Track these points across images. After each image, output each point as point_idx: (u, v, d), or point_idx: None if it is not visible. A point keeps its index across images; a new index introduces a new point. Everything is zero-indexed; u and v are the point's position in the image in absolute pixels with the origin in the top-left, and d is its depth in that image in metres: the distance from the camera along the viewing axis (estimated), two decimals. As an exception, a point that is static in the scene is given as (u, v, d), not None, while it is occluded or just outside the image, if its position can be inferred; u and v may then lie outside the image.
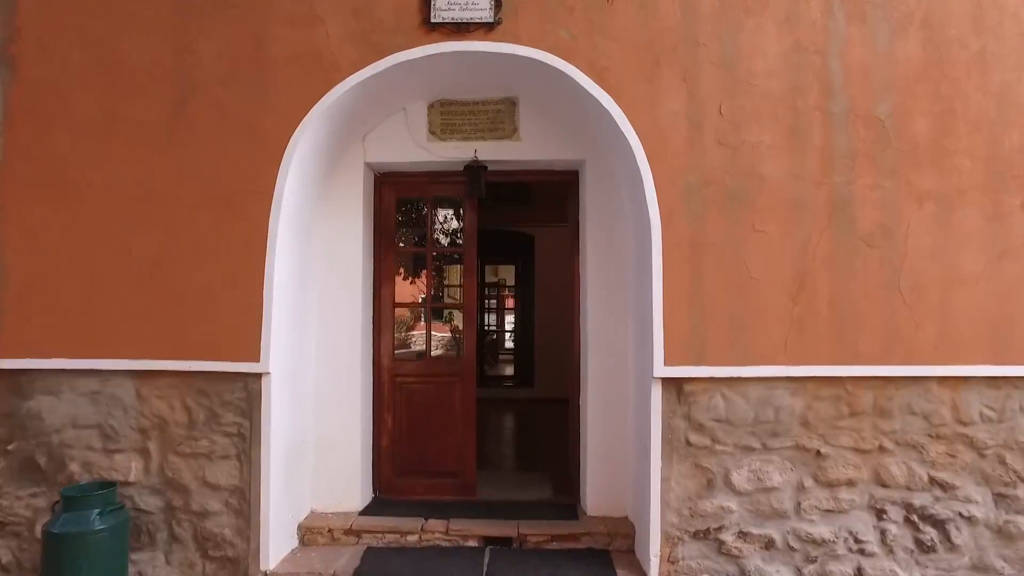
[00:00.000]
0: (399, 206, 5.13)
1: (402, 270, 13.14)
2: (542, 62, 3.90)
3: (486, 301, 14.34)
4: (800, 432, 3.72)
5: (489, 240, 11.34)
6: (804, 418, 3.72)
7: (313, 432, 4.57)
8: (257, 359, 3.80)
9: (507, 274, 14.12)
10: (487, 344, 14.15)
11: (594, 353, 4.55)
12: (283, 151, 3.91)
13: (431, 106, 4.70)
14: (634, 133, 3.84)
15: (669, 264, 3.75)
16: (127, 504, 3.76)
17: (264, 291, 3.84)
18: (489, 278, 15.18)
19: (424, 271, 13.54)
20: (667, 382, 3.74)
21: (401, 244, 7.07)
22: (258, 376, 3.83)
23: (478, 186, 4.61)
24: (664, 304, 3.72)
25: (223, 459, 3.84)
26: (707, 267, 3.75)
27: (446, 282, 12.76)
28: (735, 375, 3.71)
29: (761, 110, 3.81)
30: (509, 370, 13.29)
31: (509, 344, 14.33)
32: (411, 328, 19.57)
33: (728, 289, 3.74)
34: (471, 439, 4.90)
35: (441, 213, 9.10)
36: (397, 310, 5.08)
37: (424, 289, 13.36)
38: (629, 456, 4.42)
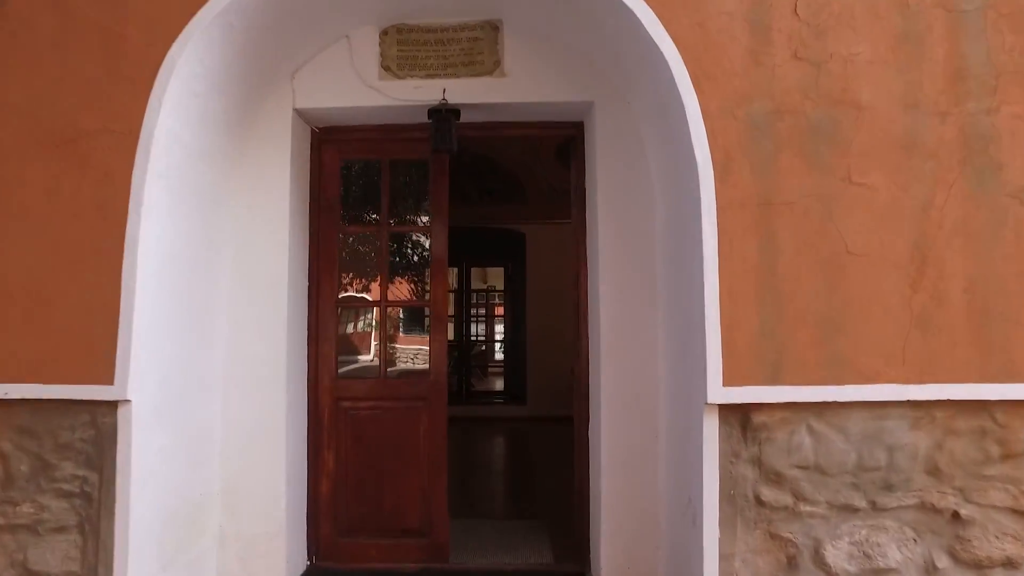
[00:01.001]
0: (347, 173, 3.90)
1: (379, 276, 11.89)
2: (535, -58, 2.69)
3: (473, 309, 13.09)
4: (927, 483, 2.48)
5: (475, 240, 10.17)
6: (932, 462, 2.48)
7: (220, 481, 3.28)
8: (111, 380, 2.53)
9: (496, 278, 12.88)
10: (475, 356, 12.92)
11: (608, 369, 3.29)
12: (155, 74, 2.66)
13: (384, 33, 3.46)
14: (670, 42, 2.61)
15: (728, 234, 2.51)
16: (-96, 606, 2.47)
17: (123, 280, 2.57)
18: (477, 284, 13.95)
19: (406, 275, 12.35)
20: (727, 410, 2.49)
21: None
22: (113, 406, 2.55)
23: (447, 138, 3.36)
24: (722, 294, 2.49)
25: (57, 532, 2.54)
26: (783, 238, 2.52)
27: (428, 287, 11.51)
28: (829, 398, 2.47)
29: (855, 8, 2.60)
30: (499, 384, 12.03)
31: (500, 356, 13.08)
32: (393, 339, 18.24)
33: (815, 270, 2.51)
34: (441, 484, 3.62)
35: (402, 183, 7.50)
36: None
37: (408, 292, 12.06)
38: (662, 514, 3.16)
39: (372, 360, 17.07)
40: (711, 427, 2.49)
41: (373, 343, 17.73)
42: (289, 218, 3.43)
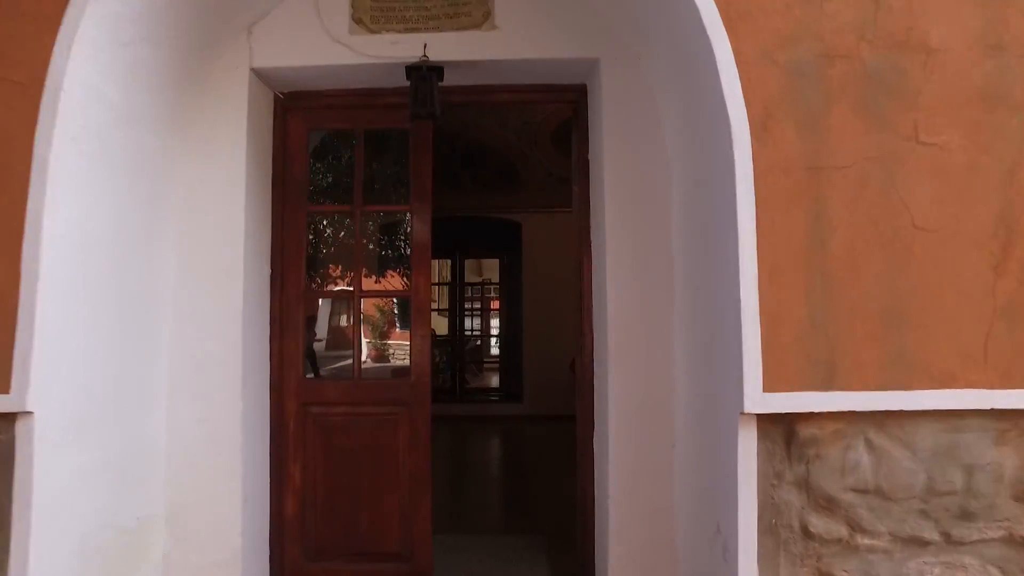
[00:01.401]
0: (319, 148, 3.42)
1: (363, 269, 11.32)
2: None
3: (467, 302, 12.62)
4: (1016, 512, 2.02)
5: (469, 231, 9.71)
6: (1022, 486, 2.02)
7: (164, 503, 2.80)
8: (6, 388, 2.05)
9: (491, 270, 12.40)
10: (469, 351, 12.47)
11: (617, 369, 2.83)
12: (62, 11, 2.17)
13: (355, -21, 2.98)
14: (697, -28, 2.14)
15: (768, 206, 2.04)
16: None
17: (23, 265, 2.08)
18: (472, 277, 13.48)
19: (398, 267, 11.85)
20: (767, 422, 2.03)
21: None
22: (10, 419, 2.06)
23: (428, 100, 2.88)
24: (761, 280, 2.02)
25: (-60, 578, 2.07)
26: (835, 210, 2.05)
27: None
28: (892, 406, 2.00)
29: (923, -71, 2.13)
30: (495, 380, 11.59)
31: (496, 351, 12.62)
32: (386, 335, 17.69)
33: (875, 249, 2.04)
34: (424, 501, 3.15)
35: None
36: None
37: (402, 287, 11.55)
38: (679, 539, 2.71)
39: (364, 359, 16.41)
40: (748, 442, 2.02)
41: (364, 340, 17.18)
42: (245, 196, 2.95)
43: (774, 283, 2.02)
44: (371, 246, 12.69)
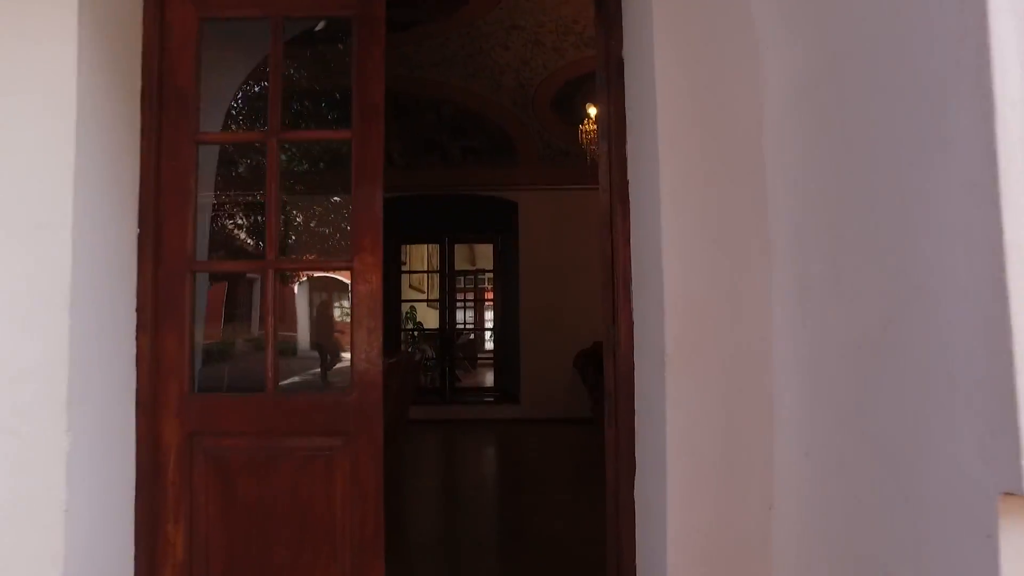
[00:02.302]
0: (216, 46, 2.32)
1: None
2: None
3: (460, 293, 11.55)
4: None
5: (459, 211, 8.61)
6: None
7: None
8: None
9: (485, 256, 11.31)
10: (462, 346, 11.44)
11: (679, 384, 1.73)
12: None
13: None
14: None
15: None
16: None
17: None
18: (464, 266, 12.42)
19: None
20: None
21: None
22: None
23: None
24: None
25: None
26: None
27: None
28: None
29: None
30: (489, 379, 10.55)
31: (491, 346, 11.58)
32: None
33: None
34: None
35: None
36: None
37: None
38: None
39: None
40: (1018, 555, 0.93)
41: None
42: (77, 115, 1.84)
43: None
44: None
